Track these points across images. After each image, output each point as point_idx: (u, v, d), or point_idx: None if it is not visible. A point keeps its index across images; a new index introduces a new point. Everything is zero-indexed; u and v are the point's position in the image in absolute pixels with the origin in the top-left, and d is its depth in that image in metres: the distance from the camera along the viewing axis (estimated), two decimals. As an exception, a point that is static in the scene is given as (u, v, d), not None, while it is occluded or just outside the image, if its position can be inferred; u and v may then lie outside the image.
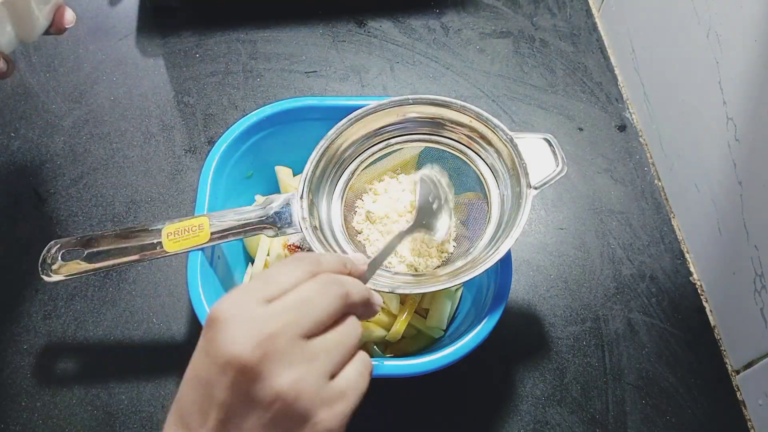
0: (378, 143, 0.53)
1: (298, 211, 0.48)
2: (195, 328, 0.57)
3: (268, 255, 0.55)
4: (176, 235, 0.47)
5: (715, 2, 0.57)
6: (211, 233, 0.47)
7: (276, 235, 0.48)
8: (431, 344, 0.53)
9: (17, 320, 0.57)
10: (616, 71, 0.77)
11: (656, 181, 0.69)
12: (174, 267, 0.60)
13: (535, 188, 0.46)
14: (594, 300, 0.60)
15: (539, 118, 0.72)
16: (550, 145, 0.48)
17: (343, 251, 0.49)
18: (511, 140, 0.48)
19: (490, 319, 0.46)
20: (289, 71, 0.75)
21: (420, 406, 0.55)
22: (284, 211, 0.48)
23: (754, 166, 0.53)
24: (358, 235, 0.51)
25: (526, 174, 0.47)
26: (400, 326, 0.51)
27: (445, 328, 0.53)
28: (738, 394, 0.56)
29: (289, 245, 0.53)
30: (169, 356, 0.56)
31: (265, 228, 0.48)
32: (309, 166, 0.50)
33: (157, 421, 0.52)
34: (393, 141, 0.53)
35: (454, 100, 0.50)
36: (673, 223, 0.66)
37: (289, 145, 0.56)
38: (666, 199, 0.68)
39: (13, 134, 0.68)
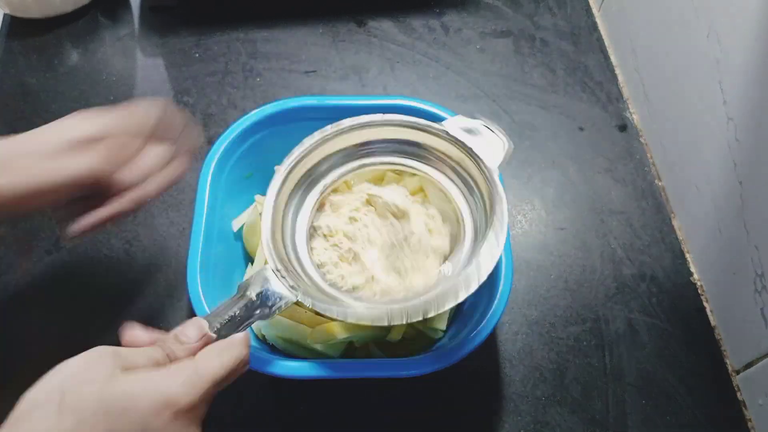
0: (353, 161, 0.53)
1: (281, 283, 0.44)
2: (195, 328, 0.57)
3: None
4: None
5: (715, 2, 0.57)
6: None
7: (272, 315, 0.43)
8: (431, 344, 0.53)
9: (18, 320, 0.57)
10: (617, 71, 0.77)
11: (657, 181, 0.69)
12: (174, 267, 0.60)
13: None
14: (594, 300, 0.60)
15: (539, 117, 0.72)
16: (488, 128, 0.49)
17: (328, 295, 0.47)
18: (490, 169, 0.48)
19: (490, 319, 0.46)
20: (289, 71, 0.75)
21: (420, 406, 0.55)
22: (266, 290, 0.43)
23: (754, 166, 0.53)
24: (325, 266, 0.49)
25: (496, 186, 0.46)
26: (400, 327, 0.51)
27: (444, 328, 0.53)
28: (738, 394, 0.56)
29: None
30: (169, 356, 0.56)
31: (256, 314, 0.42)
32: (267, 221, 0.47)
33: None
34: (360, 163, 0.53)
35: (412, 119, 0.50)
36: (673, 223, 0.66)
37: (289, 145, 0.56)
38: (666, 199, 0.68)
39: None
